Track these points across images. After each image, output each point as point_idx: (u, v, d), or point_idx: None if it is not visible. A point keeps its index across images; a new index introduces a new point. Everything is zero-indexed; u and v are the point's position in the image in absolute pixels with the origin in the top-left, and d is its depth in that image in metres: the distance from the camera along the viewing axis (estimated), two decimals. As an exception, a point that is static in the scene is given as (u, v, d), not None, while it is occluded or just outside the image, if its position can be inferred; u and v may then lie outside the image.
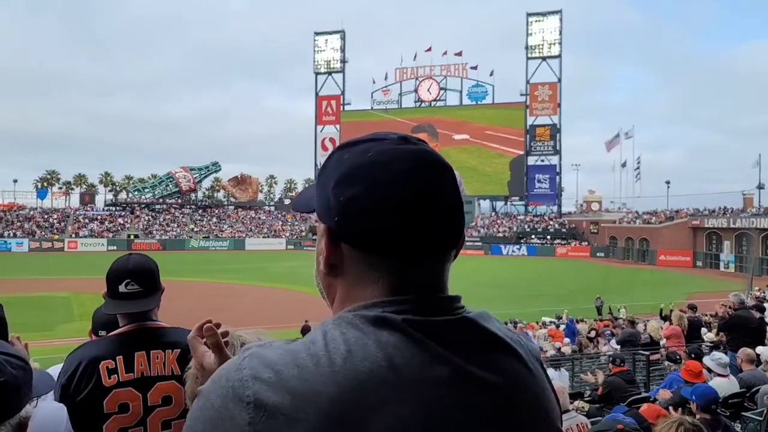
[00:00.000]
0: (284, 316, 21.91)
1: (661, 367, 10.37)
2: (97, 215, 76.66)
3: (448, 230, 0.83)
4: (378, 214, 0.79)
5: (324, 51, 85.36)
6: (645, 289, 34.13)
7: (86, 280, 31.53)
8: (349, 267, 0.83)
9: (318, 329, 0.79)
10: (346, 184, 0.81)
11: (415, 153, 0.83)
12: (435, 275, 0.84)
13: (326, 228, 0.84)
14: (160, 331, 2.28)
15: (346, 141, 0.89)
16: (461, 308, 0.84)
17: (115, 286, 2.26)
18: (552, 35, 76.80)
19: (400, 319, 0.77)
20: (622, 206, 72.78)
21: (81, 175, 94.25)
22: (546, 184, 76.20)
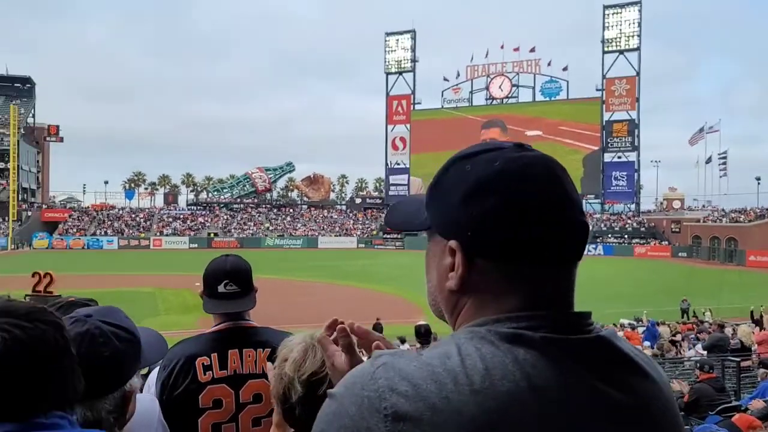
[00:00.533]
0: (355, 313, 22.18)
1: (752, 375, 9.78)
2: (179, 214, 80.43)
3: (582, 234, 0.82)
4: (517, 225, 0.77)
5: (395, 51, 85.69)
6: (733, 291, 32.24)
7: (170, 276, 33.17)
8: (481, 282, 0.81)
9: (450, 342, 0.77)
10: (479, 196, 0.79)
11: (541, 159, 0.82)
12: (567, 286, 0.82)
13: (458, 244, 0.81)
14: (252, 331, 2.35)
15: (460, 153, 0.86)
16: (592, 324, 0.82)
17: (214, 286, 2.33)
18: (630, 27, 73.69)
19: (538, 336, 0.75)
20: (706, 204, 69.10)
21: (165, 176, 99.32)
22: (623, 181, 73.34)
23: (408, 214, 0.93)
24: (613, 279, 38.96)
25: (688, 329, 17.29)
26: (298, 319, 20.43)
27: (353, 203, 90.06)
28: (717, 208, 65.98)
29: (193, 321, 18.99)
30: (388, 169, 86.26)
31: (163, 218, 78.11)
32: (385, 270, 41.30)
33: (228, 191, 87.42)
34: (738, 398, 8.19)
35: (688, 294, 26.42)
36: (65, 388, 1.02)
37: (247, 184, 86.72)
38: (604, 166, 74.02)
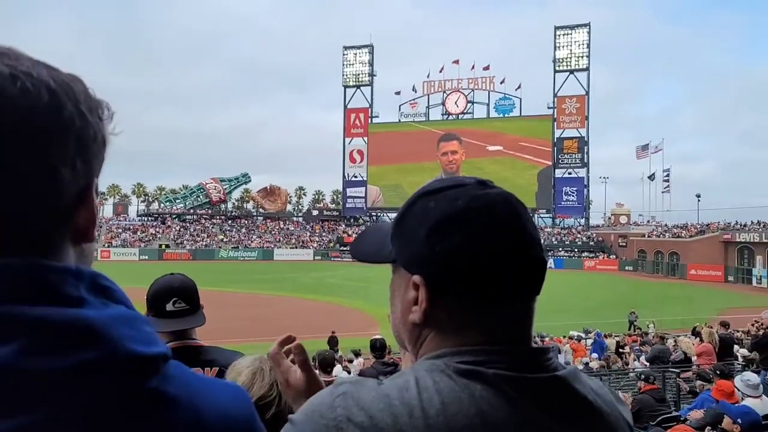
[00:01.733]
0: (311, 326, 22.05)
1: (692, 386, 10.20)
2: (129, 225, 78.27)
3: (541, 271, 0.84)
4: (480, 262, 0.79)
5: (353, 65, 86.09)
6: (675, 304, 33.47)
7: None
8: (443, 316, 0.82)
9: (409, 374, 0.78)
10: (443, 233, 0.80)
11: (503, 197, 0.83)
12: (527, 321, 0.84)
13: (422, 279, 0.82)
14: (200, 350, 2.33)
15: (424, 188, 0.87)
16: (551, 361, 0.82)
17: (161, 305, 2.30)
18: (580, 48, 76.23)
19: (492, 373, 0.76)
20: (651, 219, 71.67)
21: (114, 186, 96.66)
22: (573, 196, 75.37)
23: (374, 246, 0.93)
24: (563, 292, 39.90)
25: (633, 341, 17.87)
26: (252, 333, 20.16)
27: (310, 215, 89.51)
28: (661, 224, 68.51)
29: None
30: (345, 182, 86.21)
31: (112, 229, 75.79)
32: (341, 282, 41.21)
33: (181, 202, 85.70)
34: (678, 409, 8.54)
35: (634, 307, 27.30)
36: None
37: (201, 195, 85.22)
38: (555, 182, 75.91)
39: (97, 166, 0.71)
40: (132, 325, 0.65)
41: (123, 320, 0.64)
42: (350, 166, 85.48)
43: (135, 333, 0.64)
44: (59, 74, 0.67)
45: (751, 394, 6.19)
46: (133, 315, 0.67)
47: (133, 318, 0.67)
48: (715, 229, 55.80)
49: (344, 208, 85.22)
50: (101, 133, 0.70)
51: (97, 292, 0.66)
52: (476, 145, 77.10)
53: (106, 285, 0.68)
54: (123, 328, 0.63)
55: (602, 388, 0.86)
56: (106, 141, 0.71)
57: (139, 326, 0.66)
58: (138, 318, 0.68)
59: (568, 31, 76.92)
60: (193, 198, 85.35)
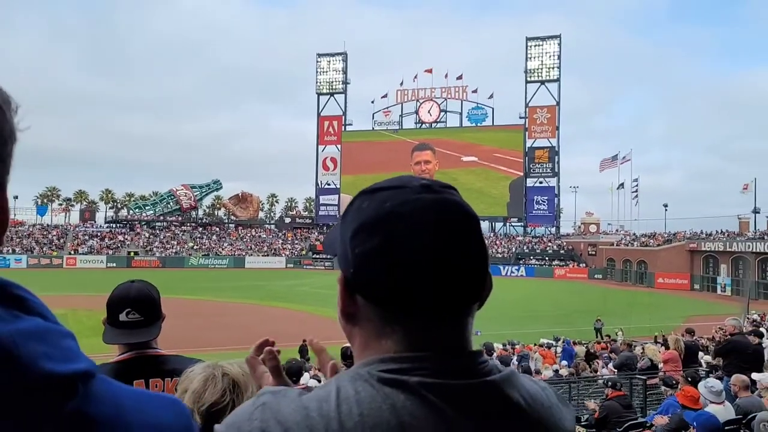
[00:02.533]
0: (282, 334, 21.84)
1: (658, 392, 10.40)
2: (97, 232, 76.64)
3: (471, 286, 0.79)
4: (395, 270, 0.76)
5: (326, 72, 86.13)
6: (643, 312, 34.08)
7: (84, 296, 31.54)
8: (365, 318, 0.81)
9: (332, 383, 0.76)
10: (363, 235, 0.78)
11: (437, 203, 0.79)
12: (456, 331, 0.80)
13: (342, 278, 0.82)
14: (160, 359, 2.27)
15: (368, 187, 0.84)
16: (484, 364, 0.79)
17: (115, 315, 2.24)
18: (551, 59, 77.58)
19: (416, 381, 0.73)
20: (620, 228, 72.90)
21: (81, 192, 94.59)
22: (544, 205, 76.40)
23: (331, 239, 0.92)
24: (534, 299, 40.36)
25: (602, 348, 18.12)
26: (222, 341, 19.91)
27: (282, 223, 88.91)
28: (629, 233, 69.68)
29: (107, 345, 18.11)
30: (318, 189, 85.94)
31: (79, 236, 74.16)
32: (314, 291, 40.94)
33: (150, 209, 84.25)
34: (644, 415, 8.70)
35: (603, 315, 27.73)
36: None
37: (171, 202, 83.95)
38: (526, 191, 76.87)
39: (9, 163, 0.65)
40: (46, 340, 0.58)
41: (35, 335, 0.57)
42: (323, 173, 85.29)
43: (49, 349, 0.57)
44: None
45: (714, 401, 6.32)
46: (49, 328, 0.60)
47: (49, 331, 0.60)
48: (682, 239, 57.04)
49: (317, 215, 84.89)
50: (10, 127, 0.64)
51: (8, 303, 0.59)
52: (451, 155, 77.69)
53: (19, 294, 0.61)
54: (36, 344, 0.56)
55: (542, 392, 0.83)
56: (14, 136, 0.65)
57: (56, 341, 0.59)
58: (56, 331, 0.61)
59: (540, 42, 78.21)
60: (163, 205, 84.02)
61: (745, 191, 56.35)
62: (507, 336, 20.82)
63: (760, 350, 9.69)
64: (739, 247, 47.58)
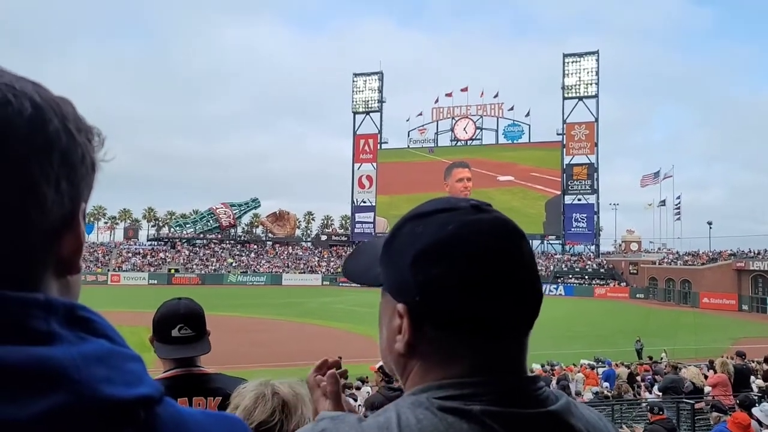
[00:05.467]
0: (318, 351, 21.86)
1: (705, 417, 10.01)
2: (139, 249, 78.66)
3: (536, 304, 0.78)
4: (465, 293, 0.74)
5: (363, 91, 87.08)
6: (688, 333, 33.00)
7: (127, 312, 32.31)
8: (429, 346, 0.77)
9: (392, 410, 0.73)
10: (428, 261, 0.75)
11: (495, 224, 0.78)
12: (518, 353, 0.78)
13: (406, 308, 0.77)
14: (204, 378, 2.29)
15: (415, 211, 0.82)
16: (541, 391, 0.77)
17: (167, 331, 2.27)
18: (589, 75, 76.75)
19: (479, 410, 0.71)
20: (662, 247, 71.07)
21: (125, 210, 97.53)
22: (583, 223, 75.06)
23: (364, 265, 0.88)
24: (574, 319, 39.49)
25: (644, 370, 17.58)
26: (258, 358, 20.07)
27: (319, 240, 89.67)
28: (672, 251, 67.91)
29: (150, 360, 18.45)
30: (354, 207, 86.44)
31: (122, 253, 76.21)
32: (349, 308, 41.00)
33: (191, 226, 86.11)
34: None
35: (645, 335, 26.95)
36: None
37: (211, 220, 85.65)
38: (564, 208, 75.72)
39: (85, 189, 0.65)
40: (110, 363, 0.57)
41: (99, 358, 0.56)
42: (359, 191, 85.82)
43: (112, 373, 0.56)
44: (46, 92, 0.61)
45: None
46: (113, 351, 0.59)
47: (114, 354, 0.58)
48: (727, 257, 55.25)
49: (353, 233, 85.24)
50: (90, 155, 0.64)
51: (75, 325, 0.58)
52: (486, 174, 77.24)
53: (85, 316, 0.60)
54: (97, 367, 0.55)
55: (599, 421, 0.81)
56: (95, 165, 0.66)
57: (120, 364, 0.58)
58: (120, 354, 0.59)
59: (577, 58, 77.52)
60: (203, 222, 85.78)
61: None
62: (546, 357, 20.40)
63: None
64: (789, 266, 45.83)
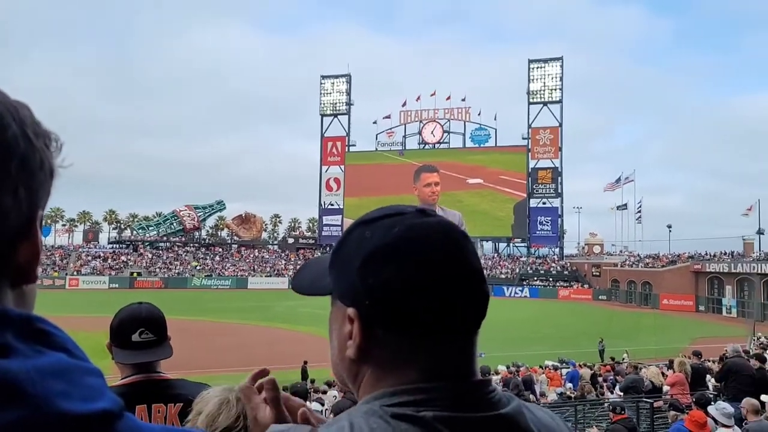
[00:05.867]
0: (284, 356, 21.74)
1: (664, 416, 10.24)
2: (100, 253, 76.75)
3: (481, 304, 0.79)
4: (415, 295, 0.74)
5: (330, 94, 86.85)
6: (649, 334, 33.81)
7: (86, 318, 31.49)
8: (380, 350, 0.77)
9: (344, 419, 0.73)
10: (376, 264, 0.76)
11: (441, 226, 0.79)
12: (468, 355, 0.79)
13: (356, 312, 0.77)
14: (164, 384, 2.24)
15: (364, 217, 0.83)
16: (493, 394, 0.77)
17: (127, 335, 2.21)
18: (553, 81, 78.15)
19: (431, 416, 0.71)
20: (623, 249, 72.68)
21: (85, 213, 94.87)
22: (548, 226, 76.27)
23: (312, 277, 0.88)
24: (538, 321, 40.08)
25: (606, 371, 17.93)
26: (223, 363, 19.79)
27: (285, 243, 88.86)
28: (633, 254, 69.47)
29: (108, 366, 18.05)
30: (321, 210, 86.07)
31: (82, 256, 74.25)
32: (316, 312, 40.73)
33: (154, 229, 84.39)
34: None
35: (608, 336, 27.50)
36: None
37: (175, 222, 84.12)
38: (530, 212, 76.83)
39: (43, 197, 0.64)
40: (68, 377, 0.55)
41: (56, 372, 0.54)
42: (327, 194, 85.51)
43: (70, 387, 0.54)
44: (4, 96, 0.60)
45: (725, 423, 6.25)
46: (72, 365, 0.57)
47: (72, 368, 0.56)
48: (686, 260, 56.81)
49: (320, 236, 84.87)
50: (48, 161, 0.63)
51: (31, 338, 0.56)
52: (456, 177, 77.75)
53: (43, 329, 0.58)
54: (54, 381, 0.53)
55: (552, 421, 0.83)
56: (53, 171, 0.65)
57: (78, 378, 0.56)
58: (79, 368, 0.57)
59: (542, 64, 78.86)
60: (167, 225, 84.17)
61: (749, 213, 56.10)
62: (511, 358, 20.65)
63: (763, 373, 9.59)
64: (744, 268, 47.31)
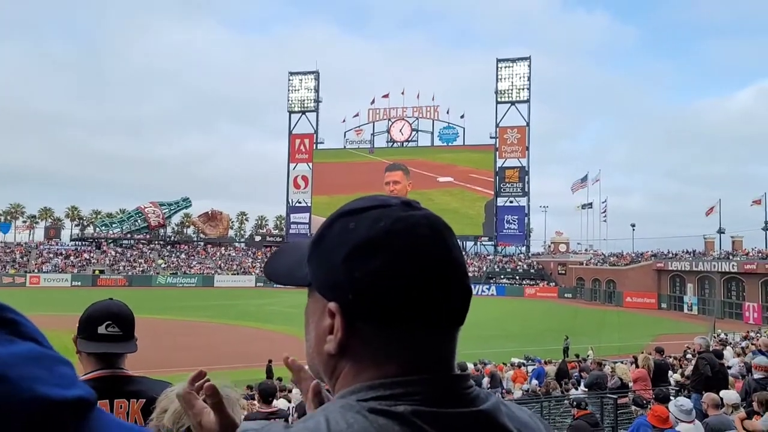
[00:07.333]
0: (250, 354, 21.51)
1: (629, 411, 10.45)
2: (62, 250, 74.78)
3: (464, 299, 0.78)
4: (403, 287, 0.73)
5: (298, 91, 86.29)
6: (613, 331, 34.47)
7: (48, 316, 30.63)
8: (361, 345, 0.75)
9: (320, 414, 0.71)
10: (362, 257, 0.74)
11: (427, 219, 0.77)
12: (449, 350, 0.77)
13: (338, 306, 0.75)
14: (126, 380, 2.24)
15: (346, 208, 0.80)
16: (471, 389, 0.76)
17: (94, 328, 2.23)
18: (521, 81, 79.06)
19: (410, 410, 0.69)
20: (588, 248, 73.94)
21: (47, 209, 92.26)
22: (515, 224, 77.20)
23: (289, 266, 0.85)
24: (505, 318, 40.52)
25: (572, 368, 18.17)
26: (189, 362, 19.45)
27: (252, 241, 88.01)
28: (598, 252, 70.75)
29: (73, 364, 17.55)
30: (289, 207, 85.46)
31: (43, 254, 72.24)
32: (284, 310, 40.44)
33: (118, 226, 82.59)
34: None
35: (573, 333, 27.93)
36: None
37: (139, 219, 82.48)
38: (497, 210, 77.67)
39: None
40: (41, 364, 0.56)
41: (31, 359, 0.55)
42: (294, 191, 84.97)
43: (44, 373, 0.55)
44: None
45: (684, 419, 6.35)
46: (44, 353, 0.57)
47: (45, 356, 0.57)
48: (649, 258, 58.11)
49: (288, 233, 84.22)
50: None
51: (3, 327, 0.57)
52: (426, 176, 78.03)
53: (12, 318, 0.59)
54: (31, 367, 0.54)
55: (530, 420, 0.82)
56: None
57: (52, 366, 0.57)
58: (51, 357, 0.58)
59: (510, 63, 79.71)
60: (131, 222, 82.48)
61: (710, 214, 57.52)
62: (478, 355, 20.81)
63: (724, 369, 9.85)
64: (705, 267, 48.57)
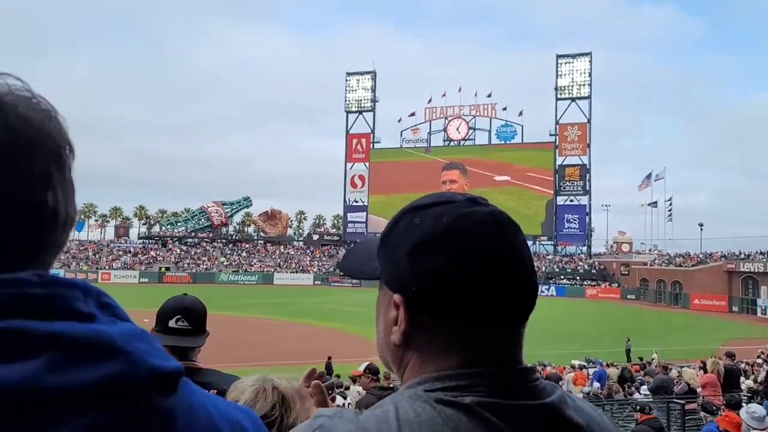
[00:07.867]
0: (309, 351, 21.86)
1: (696, 417, 10.03)
2: (130, 248, 78.24)
3: (529, 295, 0.79)
4: (464, 284, 0.75)
5: (355, 91, 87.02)
6: (679, 334, 33.19)
7: (117, 311, 32.06)
8: (425, 337, 0.78)
9: (389, 403, 0.73)
10: (425, 252, 0.76)
11: (492, 215, 0.79)
12: (514, 344, 0.79)
13: (403, 299, 0.78)
14: (197, 372, 2.32)
15: (413, 204, 0.83)
16: (537, 382, 0.77)
17: (166, 321, 2.38)
18: (582, 77, 77.00)
19: (476, 401, 0.71)
20: (653, 248, 71.39)
21: (117, 209, 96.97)
22: (575, 224, 75.31)
23: (361, 260, 0.89)
24: (565, 320, 39.61)
25: (635, 371, 17.63)
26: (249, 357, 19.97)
27: (311, 240, 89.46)
28: (663, 253, 68.20)
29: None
30: (346, 206, 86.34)
31: (113, 251, 75.80)
32: (341, 308, 40.99)
33: (182, 225, 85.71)
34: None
35: (636, 336, 27.05)
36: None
37: (203, 218, 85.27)
38: (557, 209, 75.98)
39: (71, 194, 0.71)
40: (145, 340, 0.63)
41: (137, 335, 0.63)
42: (351, 191, 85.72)
43: (150, 348, 0.62)
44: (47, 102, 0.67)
45: (756, 427, 6.09)
46: (143, 331, 0.65)
47: (143, 333, 0.64)
48: (718, 259, 55.58)
49: (345, 232, 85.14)
50: (69, 139, 0.69)
51: (104, 309, 0.64)
52: (483, 174, 77.18)
53: (109, 302, 0.66)
54: (139, 342, 0.62)
55: (595, 413, 0.82)
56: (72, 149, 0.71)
57: (152, 342, 0.64)
58: (147, 334, 0.65)
59: (570, 59, 77.77)
60: (195, 221, 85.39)
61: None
62: (537, 357, 20.43)
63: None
64: (780, 268, 46.13)
